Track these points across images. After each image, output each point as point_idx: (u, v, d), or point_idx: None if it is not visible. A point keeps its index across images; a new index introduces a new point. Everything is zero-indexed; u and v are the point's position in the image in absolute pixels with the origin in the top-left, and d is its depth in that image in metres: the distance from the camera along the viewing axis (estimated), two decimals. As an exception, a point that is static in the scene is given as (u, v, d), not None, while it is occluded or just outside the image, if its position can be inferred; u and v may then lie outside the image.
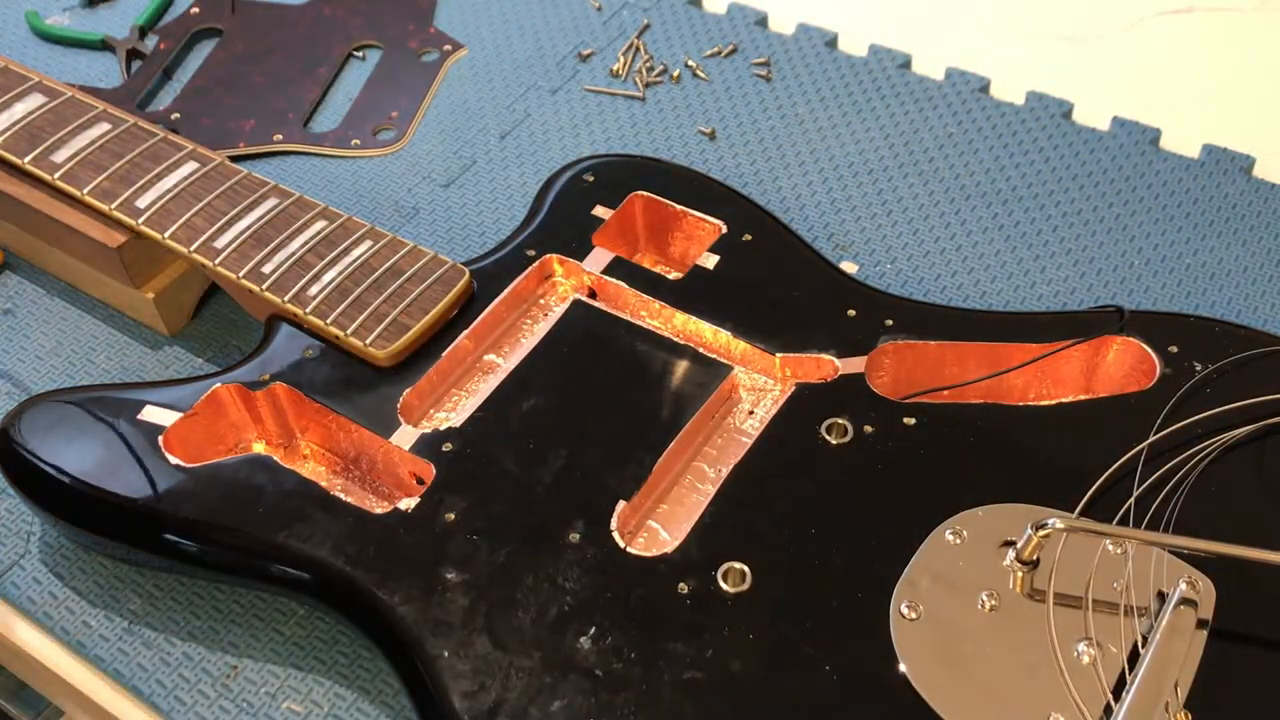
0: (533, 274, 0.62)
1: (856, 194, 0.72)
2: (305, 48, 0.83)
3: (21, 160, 0.64)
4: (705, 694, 0.46)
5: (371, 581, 0.50)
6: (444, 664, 0.47)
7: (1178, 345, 0.56)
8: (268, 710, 0.53)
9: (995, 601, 0.48)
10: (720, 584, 0.49)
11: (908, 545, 0.50)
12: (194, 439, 0.56)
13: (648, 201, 0.65)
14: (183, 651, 0.55)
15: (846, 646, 0.47)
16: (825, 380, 0.56)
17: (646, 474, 0.53)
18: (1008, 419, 0.55)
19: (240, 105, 0.79)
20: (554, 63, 0.82)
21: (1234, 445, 0.52)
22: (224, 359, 0.66)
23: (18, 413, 0.56)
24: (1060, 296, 0.66)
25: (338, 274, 0.59)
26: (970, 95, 0.78)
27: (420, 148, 0.77)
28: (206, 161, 0.64)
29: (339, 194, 0.74)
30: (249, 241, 0.60)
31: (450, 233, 0.72)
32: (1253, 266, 0.67)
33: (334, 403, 0.56)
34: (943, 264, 0.68)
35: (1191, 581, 0.48)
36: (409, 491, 0.54)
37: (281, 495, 0.53)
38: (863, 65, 0.80)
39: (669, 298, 0.60)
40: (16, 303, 0.70)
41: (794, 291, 0.60)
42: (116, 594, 0.57)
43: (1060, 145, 0.74)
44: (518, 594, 0.49)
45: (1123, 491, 0.51)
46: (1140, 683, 0.45)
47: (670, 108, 0.79)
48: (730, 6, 0.85)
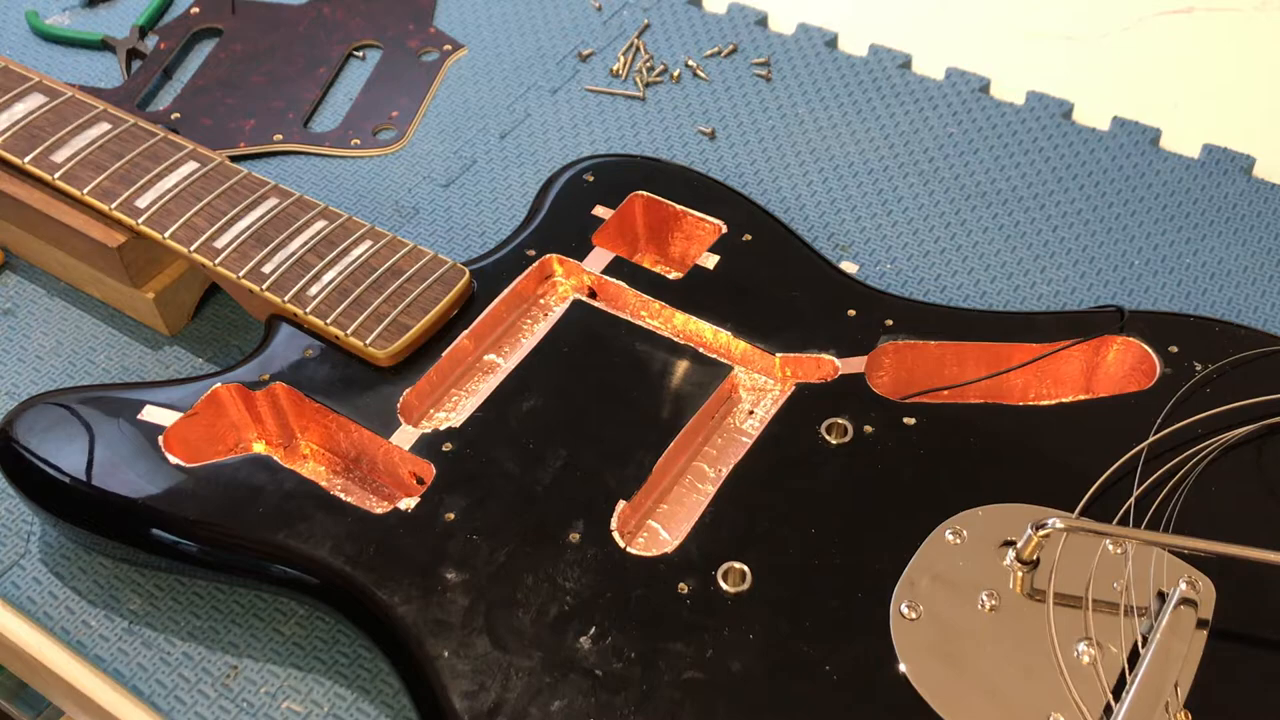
0: (533, 274, 0.62)
1: (856, 194, 0.72)
2: (305, 48, 0.83)
3: (21, 160, 0.64)
4: (705, 694, 0.46)
5: (371, 581, 0.50)
6: (444, 664, 0.47)
7: (1178, 345, 0.56)
8: (268, 710, 0.53)
9: (995, 601, 0.48)
10: (720, 584, 0.49)
11: (908, 545, 0.50)
12: (194, 439, 0.56)
13: (648, 201, 0.65)
14: (183, 651, 0.55)
15: (847, 646, 0.47)
16: (825, 380, 0.56)
17: (647, 474, 0.53)
18: (1008, 419, 0.55)
19: (240, 105, 0.79)
20: (554, 63, 0.82)
21: (1234, 445, 0.52)
22: (224, 359, 0.66)
23: (17, 413, 0.56)
24: (1060, 296, 0.66)
25: (338, 274, 0.59)
26: (970, 95, 0.78)
27: (420, 148, 0.77)
28: (206, 161, 0.64)
29: (339, 194, 0.74)
30: (249, 241, 0.60)
31: (450, 233, 0.72)
32: (1253, 266, 0.67)
33: (334, 403, 0.56)
34: (943, 264, 0.68)
35: (1191, 581, 0.48)
36: (409, 491, 0.54)
37: (281, 495, 0.53)
38: (863, 65, 0.80)
39: (669, 298, 0.60)
40: (16, 303, 0.70)
41: (794, 291, 0.60)
42: (116, 594, 0.57)
43: (1060, 145, 0.74)
44: (518, 594, 0.49)
45: (1123, 491, 0.51)
46: (1140, 683, 0.45)
47: (670, 108, 0.79)
48: (730, 6, 0.85)
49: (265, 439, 0.59)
